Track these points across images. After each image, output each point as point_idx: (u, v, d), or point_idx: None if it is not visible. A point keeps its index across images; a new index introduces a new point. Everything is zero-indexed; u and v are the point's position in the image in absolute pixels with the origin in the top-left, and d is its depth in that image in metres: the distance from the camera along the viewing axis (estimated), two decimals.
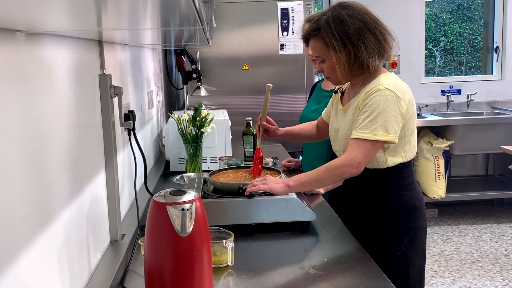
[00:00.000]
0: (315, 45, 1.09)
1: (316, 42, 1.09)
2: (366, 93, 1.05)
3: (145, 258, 0.80)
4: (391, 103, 1.02)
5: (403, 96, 1.04)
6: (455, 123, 2.96)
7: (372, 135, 1.01)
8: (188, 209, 0.76)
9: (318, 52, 1.09)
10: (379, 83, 1.05)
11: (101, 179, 0.94)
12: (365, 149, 1.02)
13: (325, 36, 1.05)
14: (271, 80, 1.31)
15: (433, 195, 2.97)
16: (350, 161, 1.02)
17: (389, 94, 1.03)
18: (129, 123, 1.00)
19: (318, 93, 1.61)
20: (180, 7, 0.53)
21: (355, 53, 1.04)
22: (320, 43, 1.07)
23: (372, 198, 1.13)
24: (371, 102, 1.03)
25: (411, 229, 1.11)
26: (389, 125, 1.02)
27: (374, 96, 1.03)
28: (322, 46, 1.07)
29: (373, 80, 1.08)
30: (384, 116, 1.01)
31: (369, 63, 1.05)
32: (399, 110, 1.03)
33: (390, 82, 1.05)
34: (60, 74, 0.74)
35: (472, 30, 3.53)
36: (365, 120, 1.02)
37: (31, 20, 0.52)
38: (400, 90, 1.05)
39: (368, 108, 1.03)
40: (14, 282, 0.54)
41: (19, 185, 0.57)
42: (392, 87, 1.04)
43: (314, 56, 1.13)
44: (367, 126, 1.02)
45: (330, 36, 1.04)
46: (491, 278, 2.27)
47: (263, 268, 0.93)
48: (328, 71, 1.11)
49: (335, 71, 1.09)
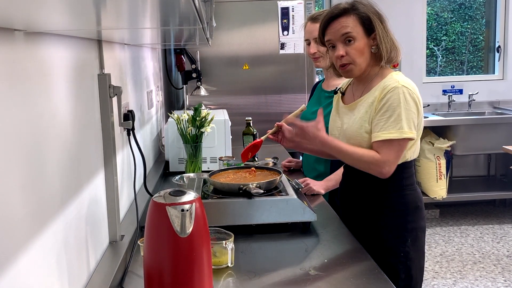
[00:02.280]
0: (348, 21, 1.04)
1: (349, 18, 1.04)
2: (383, 90, 1.04)
3: (145, 259, 0.79)
4: (410, 100, 1.02)
5: (417, 93, 1.05)
6: (457, 123, 2.95)
7: (399, 134, 1.01)
8: (187, 210, 0.75)
9: (351, 29, 1.04)
10: (395, 80, 1.04)
11: (100, 180, 0.94)
12: (395, 149, 1.02)
13: (365, 11, 1.03)
14: (271, 80, 1.30)
15: (434, 196, 2.96)
16: (383, 164, 1.02)
17: (407, 91, 1.03)
18: (129, 123, 1.00)
19: (319, 94, 1.60)
20: (179, 6, 0.53)
21: (389, 36, 1.05)
22: (356, 20, 1.04)
23: (375, 198, 1.12)
24: (390, 101, 1.02)
25: (414, 229, 1.10)
26: (411, 122, 1.02)
27: (392, 94, 1.02)
28: (357, 23, 1.04)
29: (386, 78, 1.07)
30: (406, 114, 1.01)
31: (398, 48, 1.06)
32: (416, 108, 1.03)
33: (404, 79, 1.06)
34: (59, 74, 0.73)
35: (474, 30, 3.51)
36: (389, 120, 1.02)
37: (30, 19, 0.52)
38: (414, 88, 1.06)
39: (388, 107, 1.02)
40: (12, 283, 0.54)
41: (17, 186, 0.56)
42: (407, 85, 1.04)
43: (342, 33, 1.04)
44: (392, 126, 1.01)
45: (370, 12, 1.04)
46: (492, 279, 2.26)
47: (263, 269, 0.93)
48: (355, 54, 1.05)
49: (363, 54, 1.05)
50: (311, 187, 1.41)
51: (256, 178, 1.22)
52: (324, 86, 1.58)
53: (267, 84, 2.40)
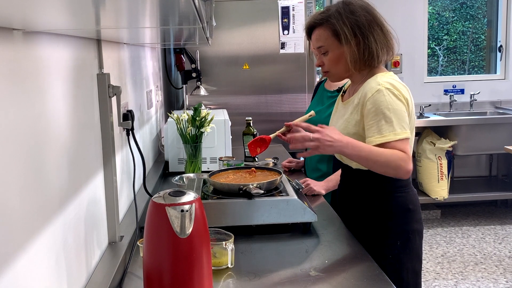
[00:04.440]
0: (321, 34, 1.07)
1: (322, 31, 1.06)
2: (366, 93, 1.04)
3: (144, 260, 0.79)
4: (395, 99, 1.02)
5: (403, 92, 1.04)
6: (458, 123, 2.94)
7: (393, 136, 1.00)
8: (187, 210, 0.75)
9: (323, 42, 1.06)
10: (377, 83, 1.04)
11: (99, 180, 0.93)
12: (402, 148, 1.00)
13: (335, 23, 1.03)
14: (272, 80, 1.29)
15: (435, 196, 2.95)
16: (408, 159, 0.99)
17: (390, 92, 1.02)
18: (128, 123, 0.99)
19: (321, 94, 1.59)
20: (179, 5, 0.52)
21: (366, 44, 1.03)
22: (327, 32, 1.05)
23: (367, 200, 1.12)
24: (376, 105, 1.01)
25: (405, 232, 1.09)
26: (402, 122, 1.01)
27: (377, 97, 1.01)
28: (329, 36, 1.05)
29: (370, 79, 1.06)
30: (395, 114, 1.00)
31: (379, 56, 1.05)
32: (404, 106, 1.03)
33: (387, 80, 1.05)
34: (57, 73, 0.73)
35: (476, 29, 3.50)
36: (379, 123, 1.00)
37: (28, 18, 0.52)
38: (398, 87, 1.04)
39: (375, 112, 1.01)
40: (11, 284, 0.54)
41: (16, 186, 0.56)
42: (390, 85, 1.03)
43: (317, 47, 1.09)
44: (385, 129, 1.00)
45: (341, 24, 1.03)
46: (494, 280, 2.25)
47: (264, 270, 0.92)
48: (329, 64, 1.08)
49: (338, 64, 1.07)
50: (312, 188, 1.40)
51: (256, 179, 1.22)
52: (326, 86, 1.57)
53: (267, 83, 2.39)
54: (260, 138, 1.19)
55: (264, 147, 1.18)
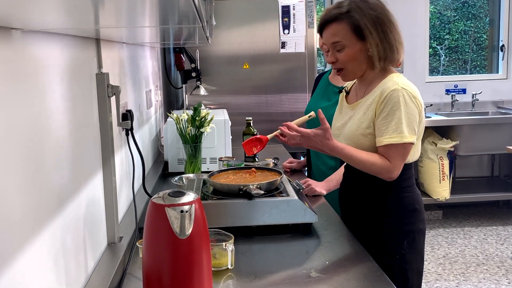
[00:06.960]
0: (338, 29, 1.03)
1: (340, 26, 1.03)
2: (382, 92, 1.03)
3: (143, 261, 0.78)
4: (410, 102, 1.01)
5: (418, 96, 1.04)
6: (460, 123, 2.93)
7: (399, 138, 1.00)
8: (187, 211, 0.74)
9: (341, 37, 1.03)
10: (395, 83, 1.03)
11: (98, 180, 0.93)
12: (401, 153, 1.02)
13: (359, 19, 1.01)
14: (272, 79, 1.28)
15: (437, 197, 2.94)
16: (392, 169, 1.02)
17: (406, 93, 1.01)
18: (127, 123, 0.99)
19: (326, 88, 1.53)
20: (179, 5, 0.52)
21: (388, 40, 1.02)
22: (347, 27, 1.02)
23: (373, 200, 1.11)
24: (391, 105, 1.01)
25: (411, 232, 1.09)
26: (412, 126, 1.01)
27: (392, 97, 1.01)
28: (347, 31, 1.02)
29: (385, 79, 1.05)
30: (406, 117, 1.00)
31: (399, 53, 1.04)
32: (417, 110, 1.02)
33: (404, 82, 1.04)
34: (56, 73, 0.72)
35: (477, 28, 3.49)
36: (390, 124, 1.00)
37: (27, 18, 0.51)
38: (414, 90, 1.04)
39: (388, 111, 1.01)
40: (9, 285, 0.53)
41: (14, 186, 0.56)
42: (407, 87, 1.03)
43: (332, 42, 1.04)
44: (393, 130, 1.00)
45: (365, 19, 1.01)
46: (496, 281, 2.24)
47: (264, 271, 0.92)
48: (345, 60, 1.05)
49: (355, 61, 1.04)
50: (313, 188, 1.40)
51: (257, 179, 1.21)
52: (332, 80, 1.52)
53: (267, 83, 2.39)
54: (255, 138, 1.18)
55: (261, 146, 1.17)
